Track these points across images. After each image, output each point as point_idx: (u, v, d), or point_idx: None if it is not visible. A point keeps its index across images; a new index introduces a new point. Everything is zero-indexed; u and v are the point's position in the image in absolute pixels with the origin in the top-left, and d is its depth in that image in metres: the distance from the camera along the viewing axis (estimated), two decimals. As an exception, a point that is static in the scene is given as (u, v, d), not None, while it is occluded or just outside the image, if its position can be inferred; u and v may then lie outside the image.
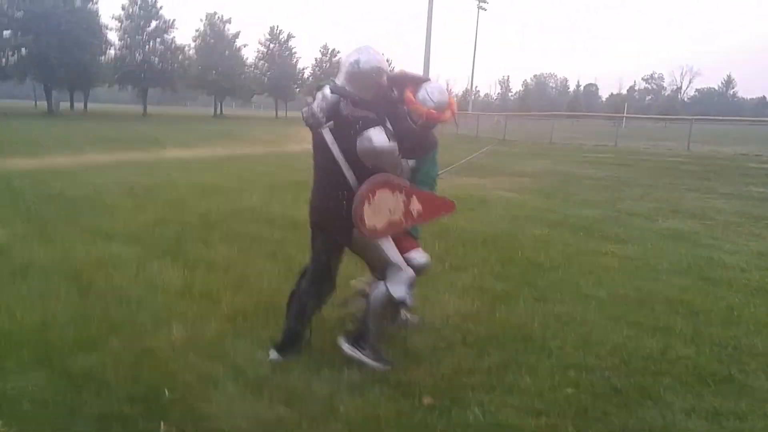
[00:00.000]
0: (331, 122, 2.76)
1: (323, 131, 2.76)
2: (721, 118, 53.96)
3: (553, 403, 2.75)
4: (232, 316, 3.60)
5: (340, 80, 2.85)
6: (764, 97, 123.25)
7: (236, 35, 65.00)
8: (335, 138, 2.75)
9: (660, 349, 3.42)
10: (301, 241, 5.65)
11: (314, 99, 2.83)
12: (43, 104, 49.21)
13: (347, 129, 2.73)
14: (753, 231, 7.43)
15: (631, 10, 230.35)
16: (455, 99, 3.14)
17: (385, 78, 2.92)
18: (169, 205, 7.51)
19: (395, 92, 3.01)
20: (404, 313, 3.56)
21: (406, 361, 3.12)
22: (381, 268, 2.99)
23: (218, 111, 66.09)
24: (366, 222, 2.73)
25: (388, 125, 2.82)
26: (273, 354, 3.04)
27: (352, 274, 4.04)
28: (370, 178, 2.77)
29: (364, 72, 2.80)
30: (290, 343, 3.07)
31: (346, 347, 3.02)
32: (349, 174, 2.75)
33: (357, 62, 2.81)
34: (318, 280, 3.08)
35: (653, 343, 3.50)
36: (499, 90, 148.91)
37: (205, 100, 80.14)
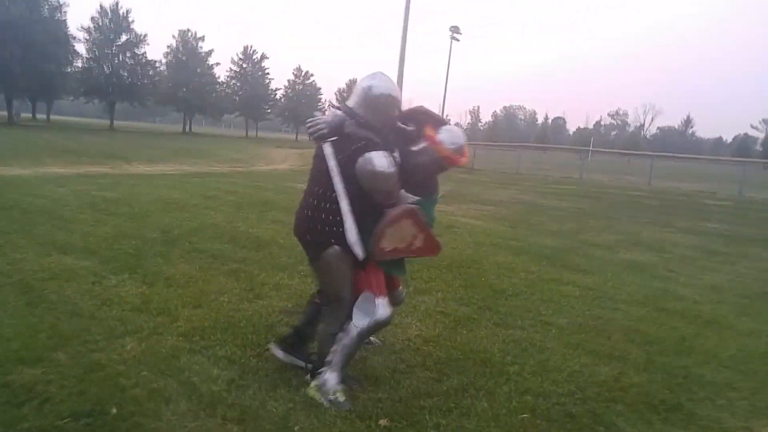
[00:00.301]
0: (335, 137, 2.78)
1: (324, 144, 2.78)
2: (680, 155, 55.97)
3: (508, 428, 2.76)
4: (189, 333, 3.52)
5: (351, 102, 2.89)
6: (721, 138, 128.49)
7: (209, 53, 64.83)
8: (334, 152, 2.76)
9: (614, 376, 3.47)
10: (264, 261, 5.64)
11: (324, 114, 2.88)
12: (3, 113, 47.75)
13: (348, 145, 2.75)
14: (707, 265, 7.67)
15: (600, 47, 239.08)
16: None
17: (397, 107, 2.96)
18: (130, 220, 7.34)
19: (413, 127, 3.03)
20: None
21: (364, 382, 3.09)
22: (329, 299, 2.98)
23: (187, 128, 65.39)
24: (382, 240, 2.76)
25: (396, 154, 2.85)
26: (278, 352, 3.14)
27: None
28: (407, 206, 2.85)
29: (375, 97, 2.84)
30: (294, 344, 3.15)
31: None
32: (339, 188, 2.75)
33: (369, 87, 2.86)
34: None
35: (608, 371, 3.56)
36: (469, 120, 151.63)
37: (175, 116, 79.39)
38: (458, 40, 35.84)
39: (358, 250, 2.75)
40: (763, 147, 78.20)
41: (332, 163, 2.75)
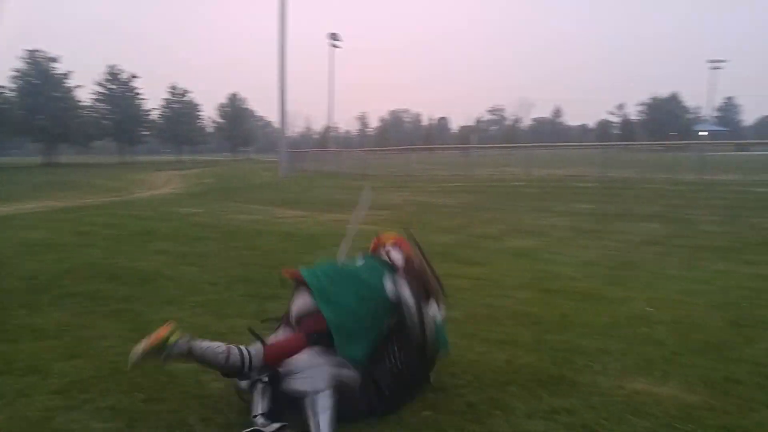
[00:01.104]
0: None
1: None
2: (552, 144, 60.67)
3: (412, 428, 2.83)
4: (64, 389, 3.21)
5: None
6: (586, 125, 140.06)
7: (66, 75, 59.58)
8: None
9: (507, 360, 3.67)
10: (149, 296, 5.32)
11: None
12: None
13: None
14: (580, 243, 8.35)
15: (471, 46, 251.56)
16: None
17: None
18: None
19: None
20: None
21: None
22: None
23: (49, 159, 59.50)
24: None
25: None
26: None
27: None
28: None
29: None
30: None
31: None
32: None
33: None
34: None
35: (502, 356, 3.76)
36: (358, 126, 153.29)
37: (33, 147, 71.89)
38: (338, 47, 36.15)
39: None
40: (621, 130, 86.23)
41: None
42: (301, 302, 3.10)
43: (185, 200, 17.47)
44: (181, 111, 72.60)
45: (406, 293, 3.03)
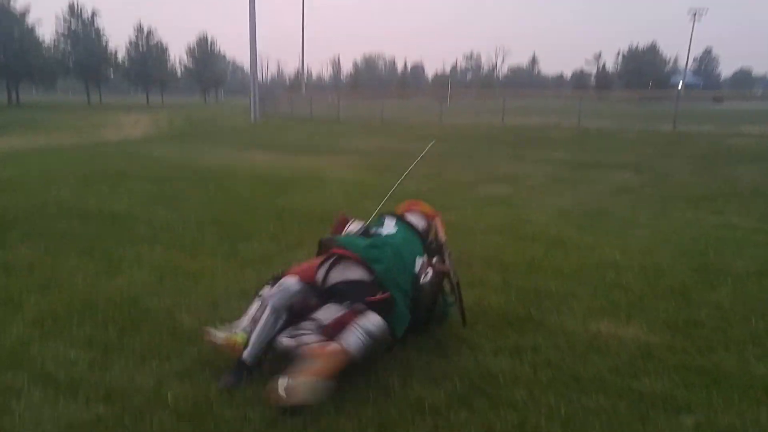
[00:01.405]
0: None
1: None
2: (528, 93, 60.51)
3: (382, 363, 2.90)
4: (38, 320, 3.22)
5: None
6: (562, 74, 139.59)
7: (26, 11, 56.17)
8: None
9: (475, 301, 3.75)
10: (121, 235, 5.27)
11: None
12: None
13: None
14: (555, 191, 8.46)
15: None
16: None
17: None
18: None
19: None
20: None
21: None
22: None
23: (14, 98, 56.94)
24: None
25: None
26: None
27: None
28: None
29: None
30: None
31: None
32: None
33: None
34: None
35: (471, 296, 3.83)
36: (331, 71, 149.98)
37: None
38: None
39: None
40: (596, 80, 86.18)
41: None
42: (352, 274, 2.89)
43: (155, 142, 17.06)
44: (147, 51, 69.63)
45: (427, 284, 3.06)
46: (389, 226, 3.26)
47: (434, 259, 3.32)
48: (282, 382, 2.19)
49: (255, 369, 2.65)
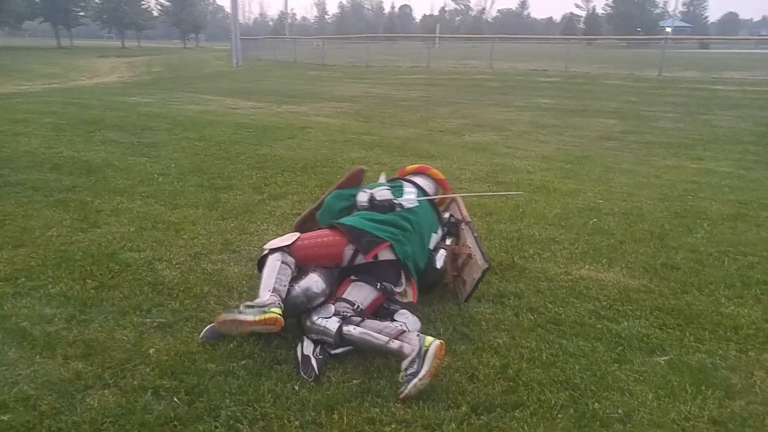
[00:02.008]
0: None
1: None
2: (517, 36, 59.40)
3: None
4: (11, 276, 3.12)
5: None
6: (551, 18, 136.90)
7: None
8: None
9: (460, 248, 3.75)
10: (97, 186, 5.13)
11: None
12: None
13: None
14: (539, 138, 8.41)
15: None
16: None
17: None
18: None
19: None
20: None
21: (219, 293, 3.03)
22: None
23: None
24: None
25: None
26: None
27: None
28: None
29: None
30: None
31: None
32: None
33: None
34: None
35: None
36: (315, 13, 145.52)
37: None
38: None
39: None
40: (586, 24, 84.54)
41: None
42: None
43: (133, 89, 16.57)
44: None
45: (441, 269, 3.03)
46: (411, 198, 3.10)
47: (450, 241, 3.21)
48: (416, 384, 2.13)
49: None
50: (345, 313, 2.52)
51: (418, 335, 2.32)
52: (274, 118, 10.16)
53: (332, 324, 2.46)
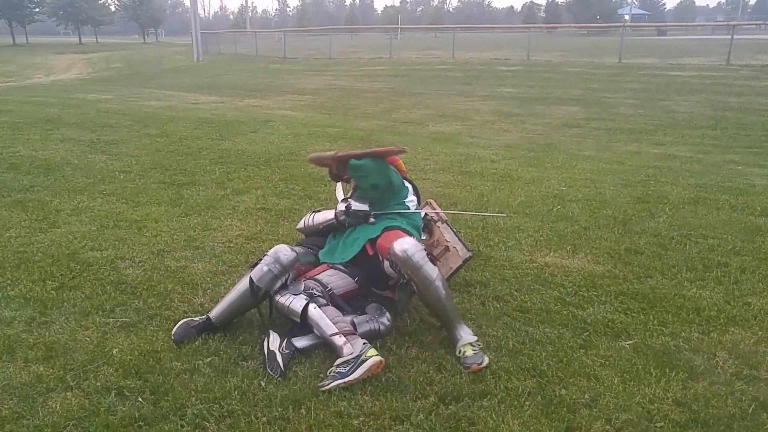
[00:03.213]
0: None
1: None
2: (478, 26, 59.85)
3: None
4: (-34, 281, 3.03)
5: None
6: (512, 7, 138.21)
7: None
8: None
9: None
10: (56, 185, 4.99)
11: None
12: None
13: None
14: (502, 127, 8.51)
15: None
16: None
17: None
18: None
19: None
20: None
21: (183, 290, 2.99)
22: None
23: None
24: None
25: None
26: None
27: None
28: None
29: None
30: None
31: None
32: None
33: None
34: None
35: (421, 235, 3.86)
36: (276, 6, 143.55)
37: None
38: None
39: None
40: (546, 13, 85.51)
41: None
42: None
43: (91, 86, 16.12)
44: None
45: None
46: (413, 200, 3.02)
47: (424, 236, 3.10)
48: (340, 384, 2.16)
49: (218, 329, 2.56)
50: (314, 292, 2.53)
51: (364, 343, 2.31)
52: (237, 112, 10.02)
53: (299, 302, 2.47)
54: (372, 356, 2.23)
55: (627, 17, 66.59)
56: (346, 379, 2.16)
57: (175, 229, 3.94)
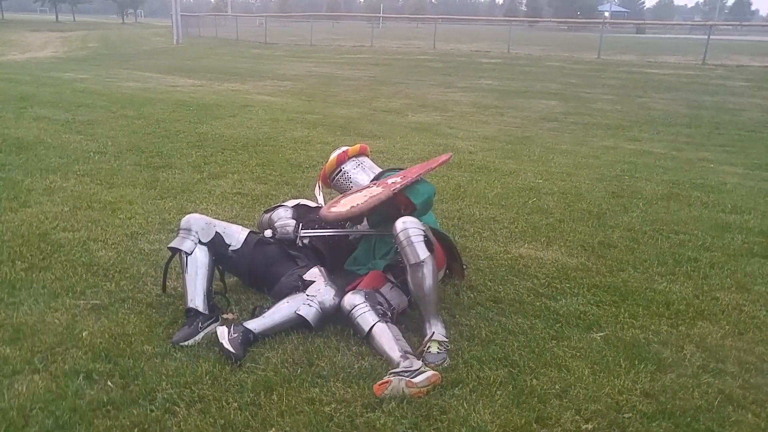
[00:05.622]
0: None
1: None
2: (460, 17, 59.88)
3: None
4: (-69, 259, 2.96)
5: None
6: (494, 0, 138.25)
7: None
8: None
9: (403, 227, 3.78)
10: (29, 164, 4.89)
11: None
12: None
13: None
14: (481, 118, 8.55)
15: None
16: None
17: None
18: None
19: None
20: None
21: (156, 273, 2.95)
22: None
23: None
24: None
25: None
26: None
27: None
28: None
29: None
30: None
31: None
32: None
33: None
34: None
35: (397, 224, 3.87)
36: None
37: None
38: None
39: None
40: (528, 7, 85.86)
41: None
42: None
43: (67, 65, 15.73)
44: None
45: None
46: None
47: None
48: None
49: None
50: (382, 308, 2.50)
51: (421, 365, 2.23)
52: (215, 96, 9.89)
53: (370, 318, 2.41)
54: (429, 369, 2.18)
55: (607, 14, 67.15)
56: (410, 379, 2.07)
57: (150, 212, 3.89)
